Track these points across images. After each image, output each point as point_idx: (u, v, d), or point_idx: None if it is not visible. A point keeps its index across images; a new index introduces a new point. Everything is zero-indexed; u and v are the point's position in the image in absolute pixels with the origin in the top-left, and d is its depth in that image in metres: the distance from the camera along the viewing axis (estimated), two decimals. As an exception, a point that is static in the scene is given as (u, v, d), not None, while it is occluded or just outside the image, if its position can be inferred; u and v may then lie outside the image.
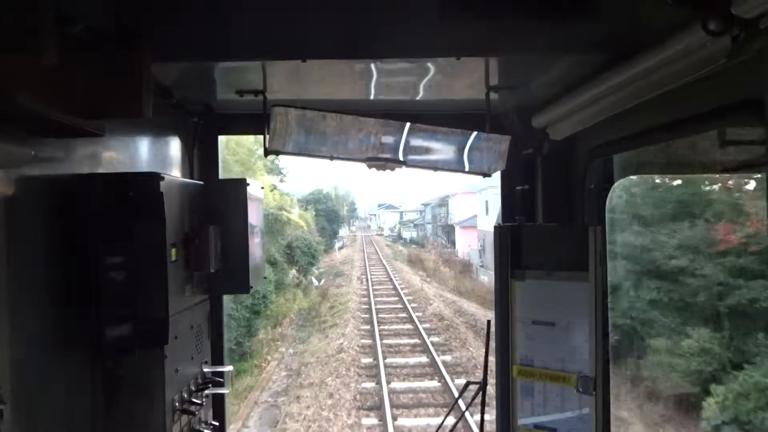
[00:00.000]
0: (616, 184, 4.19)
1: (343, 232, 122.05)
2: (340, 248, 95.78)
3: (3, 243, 2.44)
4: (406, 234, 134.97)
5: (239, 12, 3.03)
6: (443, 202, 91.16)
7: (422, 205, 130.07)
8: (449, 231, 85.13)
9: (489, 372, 4.12)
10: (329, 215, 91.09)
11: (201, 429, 3.70)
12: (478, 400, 4.13)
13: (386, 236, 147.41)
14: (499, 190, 4.82)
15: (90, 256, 2.97)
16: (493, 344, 4.19)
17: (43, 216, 2.75)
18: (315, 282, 43.82)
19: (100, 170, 3.21)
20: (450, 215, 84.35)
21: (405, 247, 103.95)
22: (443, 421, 4.89)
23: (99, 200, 3.00)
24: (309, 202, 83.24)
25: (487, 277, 43.29)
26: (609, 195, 4.14)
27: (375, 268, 61.42)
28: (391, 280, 48.96)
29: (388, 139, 3.83)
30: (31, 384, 2.61)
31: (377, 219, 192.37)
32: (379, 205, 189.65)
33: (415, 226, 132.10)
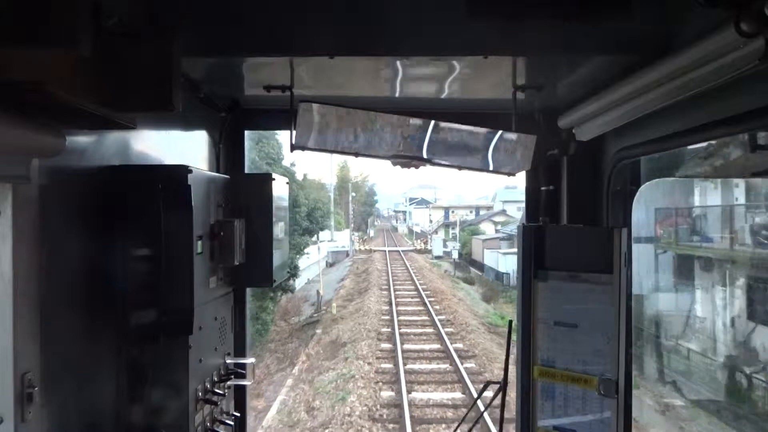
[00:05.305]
0: (642, 186, 4.14)
1: (345, 241, 71.47)
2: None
3: (35, 230, 2.49)
4: (505, 264, 53.14)
5: (267, 8, 3.05)
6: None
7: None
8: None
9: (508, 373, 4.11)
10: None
11: (222, 419, 3.75)
12: (498, 400, 4.12)
13: (435, 258, 75.82)
14: None
15: (118, 245, 3.03)
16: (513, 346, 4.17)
17: (73, 205, 2.80)
18: None
19: (130, 162, 3.26)
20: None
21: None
22: (462, 421, 4.88)
23: (128, 191, 3.05)
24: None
25: None
26: (635, 197, 4.10)
27: None
28: None
29: (413, 137, 3.83)
30: (58, 370, 2.67)
31: (409, 218, 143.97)
32: (411, 200, 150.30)
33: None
